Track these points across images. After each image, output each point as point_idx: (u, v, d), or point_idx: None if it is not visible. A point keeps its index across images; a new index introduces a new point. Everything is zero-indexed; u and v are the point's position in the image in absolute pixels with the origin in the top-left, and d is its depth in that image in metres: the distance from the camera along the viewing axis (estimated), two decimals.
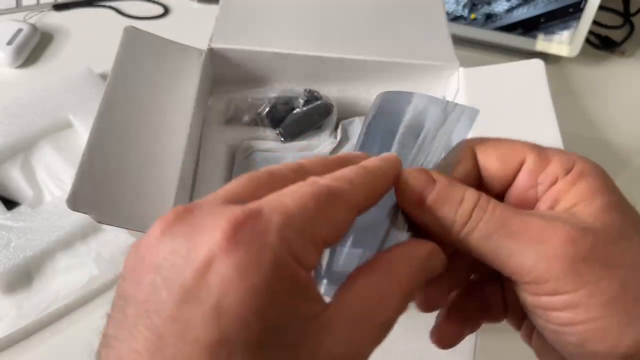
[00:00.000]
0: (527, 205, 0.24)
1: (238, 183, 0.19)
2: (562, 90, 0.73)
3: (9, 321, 0.45)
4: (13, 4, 0.75)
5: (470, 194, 0.22)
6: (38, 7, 0.75)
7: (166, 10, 0.78)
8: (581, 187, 0.22)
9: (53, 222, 0.50)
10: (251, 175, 0.20)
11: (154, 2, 0.78)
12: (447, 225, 0.22)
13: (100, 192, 0.37)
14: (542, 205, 0.23)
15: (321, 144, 0.50)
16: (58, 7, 0.76)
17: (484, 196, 0.22)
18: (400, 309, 0.20)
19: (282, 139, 0.50)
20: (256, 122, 0.51)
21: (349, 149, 0.50)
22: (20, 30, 0.69)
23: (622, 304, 0.20)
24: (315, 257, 0.18)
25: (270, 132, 0.51)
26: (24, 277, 0.48)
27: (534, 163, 0.23)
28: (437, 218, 0.22)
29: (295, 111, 0.51)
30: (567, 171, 0.23)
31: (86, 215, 0.36)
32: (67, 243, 0.50)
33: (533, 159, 0.23)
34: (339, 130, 0.51)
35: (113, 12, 0.77)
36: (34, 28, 0.70)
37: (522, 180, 0.24)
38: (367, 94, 0.54)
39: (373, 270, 0.20)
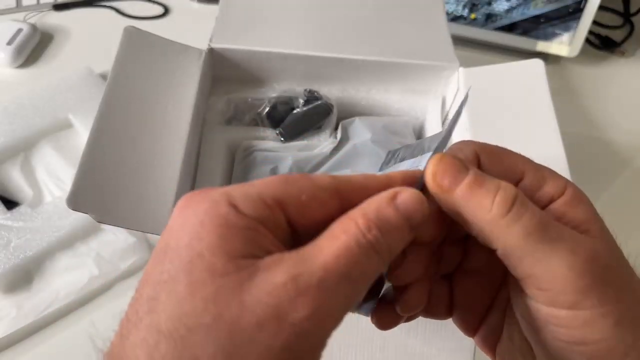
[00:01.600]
0: None
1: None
2: (562, 90, 0.73)
3: (9, 321, 0.45)
4: (13, 4, 0.75)
5: (508, 185, 0.21)
6: (38, 7, 0.76)
7: (166, 10, 0.78)
8: (578, 210, 0.23)
9: (53, 222, 0.50)
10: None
11: (154, 2, 0.78)
12: (481, 212, 0.21)
13: (100, 192, 0.37)
14: None
15: (321, 144, 0.50)
16: (58, 7, 0.76)
17: (520, 191, 0.21)
18: (357, 255, 0.19)
19: (282, 139, 0.50)
20: (256, 122, 0.51)
21: (348, 149, 0.50)
22: (20, 30, 0.69)
23: (627, 326, 0.21)
24: (261, 207, 0.19)
25: (270, 132, 0.51)
26: (24, 277, 0.48)
27: (530, 181, 0.23)
28: (470, 204, 0.21)
29: (295, 111, 0.51)
30: (560, 194, 0.23)
31: (86, 215, 0.36)
32: (67, 243, 0.50)
33: (530, 178, 0.23)
34: (339, 130, 0.51)
35: (113, 12, 0.77)
36: (34, 28, 0.70)
37: None
38: (367, 94, 0.54)
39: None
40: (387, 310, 0.25)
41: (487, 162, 0.24)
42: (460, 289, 0.26)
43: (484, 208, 0.21)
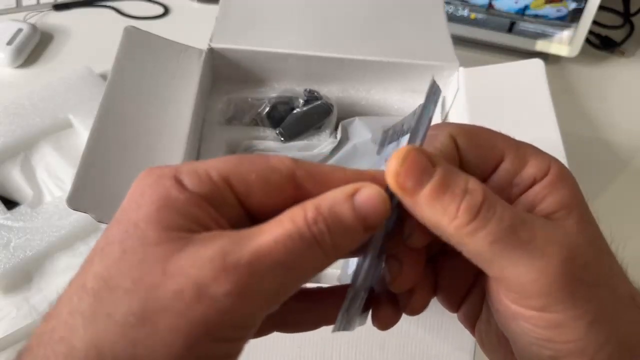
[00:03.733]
0: None
1: None
2: (562, 90, 0.73)
3: (9, 321, 0.45)
4: (13, 4, 0.75)
5: (474, 184, 0.20)
6: (38, 7, 0.76)
7: (166, 10, 0.78)
8: (560, 194, 0.21)
9: (53, 222, 0.50)
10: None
11: (154, 2, 0.78)
12: (446, 219, 0.20)
13: (100, 192, 0.37)
14: (519, 206, 0.22)
15: (321, 144, 0.50)
16: (58, 7, 0.76)
17: (489, 190, 0.20)
18: (298, 248, 0.18)
19: (282, 139, 0.50)
20: (256, 122, 0.51)
21: (348, 149, 0.50)
22: (20, 30, 0.69)
23: (603, 325, 0.20)
24: (206, 183, 0.19)
25: (270, 132, 0.51)
26: (24, 277, 0.48)
27: (511, 163, 0.22)
28: (434, 210, 0.20)
29: (295, 111, 0.51)
30: (544, 174, 0.22)
31: (86, 215, 0.36)
32: (67, 243, 0.50)
33: (511, 159, 0.22)
34: (339, 130, 0.51)
35: (113, 12, 0.77)
36: (34, 28, 0.70)
37: (498, 179, 0.23)
38: (367, 94, 0.54)
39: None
40: (385, 311, 0.24)
41: (464, 145, 0.22)
42: (444, 269, 0.26)
43: (449, 215, 0.19)
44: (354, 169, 0.21)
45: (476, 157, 0.22)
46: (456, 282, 0.26)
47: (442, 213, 0.20)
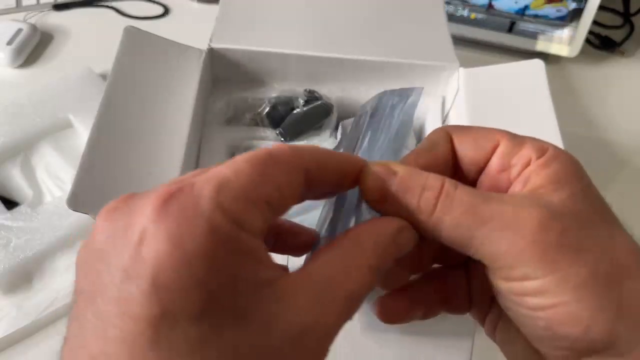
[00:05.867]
0: (500, 188, 0.23)
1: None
2: (562, 90, 0.73)
3: (9, 321, 0.45)
4: (13, 4, 0.75)
5: (433, 180, 0.21)
6: (38, 7, 0.75)
7: (166, 10, 0.78)
8: (552, 170, 0.22)
9: (53, 222, 0.50)
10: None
11: (154, 2, 0.78)
12: (413, 214, 0.21)
13: (100, 192, 0.37)
14: (516, 187, 0.23)
15: (321, 144, 0.50)
16: (58, 7, 0.76)
17: (448, 181, 0.21)
18: (367, 283, 0.20)
19: (282, 139, 0.50)
20: (256, 122, 0.51)
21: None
22: (20, 30, 0.69)
23: (593, 289, 0.20)
24: (260, 218, 0.18)
25: (270, 132, 0.51)
26: (24, 277, 0.48)
27: (507, 147, 0.23)
28: (401, 209, 0.22)
29: (295, 111, 0.51)
30: (541, 155, 0.23)
31: (86, 215, 0.36)
32: (67, 243, 0.50)
33: (506, 144, 0.23)
34: (339, 130, 0.51)
35: (113, 12, 0.77)
36: (34, 28, 0.70)
37: (495, 163, 0.24)
38: (367, 94, 0.54)
39: (340, 244, 0.20)
40: (396, 301, 0.25)
41: (457, 139, 0.24)
42: (473, 279, 0.26)
43: (414, 210, 0.21)
44: (345, 154, 0.23)
45: (471, 147, 0.24)
46: (483, 293, 0.26)
47: (409, 212, 0.21)
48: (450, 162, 0.24)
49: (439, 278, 0.27)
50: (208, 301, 0.15)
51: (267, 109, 0.51)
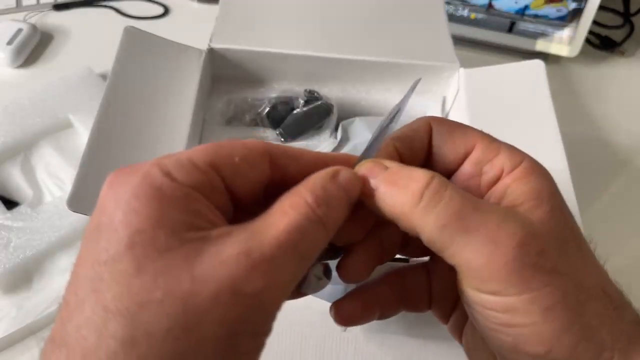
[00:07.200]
0: (470, 193, 0.23)
1: None
2: (562, 90, 0.73)
3: (9, 321, 0.45)
4: (13, 4, 0.75)
5: (422, 173, 0.21)
6: (38, 7, 0.75)
7: (166, 10, 0.78)
8: (529, 186, 0.22)
9: (53, 222, 0.50)
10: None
11: (154, 2, 0.78)
12: (399, 207, 0.21)
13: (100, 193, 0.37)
14: (490, 198, 0.23)
15: (321, 144, 0.50)
16: (58, 7, 0.76)
17: (438, 177, 0.21)
18: (306, 216, 0.19)
19: (282, 139, 0.50)
20: (256, 122, 0.51)
21: (349, 149, 0.50)
22: (20, 30, 0.69)
23: (562, 312, 0.20)
24: (200, 175, 0.19)
25: (270, 132, 0.51)
26: (24, 277, 0.48)
27: (482, 152, 0.23)
28: (389, 203, 0.21)
29: (295, 111, 0.51)
30: (514, 167, 0.23)
31: (86, 216, 0.36)
32: (67, 243, 0.50)
33: (482, 148, 0.23)
34: (339, 131, 0.51)
35: (113, 12, 0.77)
36: (34, 28, 0.70)
37: (467, 166, 0.24)
38: (367, 94, 0.54)
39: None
40: (350, 304, 0.25)
41: (436, 135, 0.24)
42: (436, 278, 0.26)
43: (397, 202, 0.21)
44: (316, 152, 0.23)
45: (446, 146, 0.24)
46: (449, 289, 0.26)
47: (395, 205, 0.21)
48: (424, 154, 0.25)
49: (396, 276, 0.27)
50: (132, 235, 0.18)
51: (267, 109, 0.51)
